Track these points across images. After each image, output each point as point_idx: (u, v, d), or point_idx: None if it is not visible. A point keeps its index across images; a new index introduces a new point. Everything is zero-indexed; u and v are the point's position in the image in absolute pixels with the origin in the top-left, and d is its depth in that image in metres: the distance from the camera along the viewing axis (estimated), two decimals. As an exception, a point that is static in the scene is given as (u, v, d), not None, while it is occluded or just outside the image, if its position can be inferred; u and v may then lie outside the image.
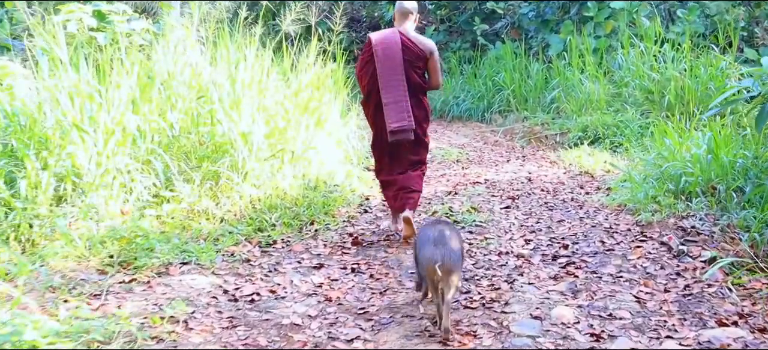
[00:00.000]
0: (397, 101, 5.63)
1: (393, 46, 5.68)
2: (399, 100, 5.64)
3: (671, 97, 10.56)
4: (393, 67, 5.64)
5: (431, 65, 5.82)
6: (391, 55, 5.65)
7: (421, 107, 5.84)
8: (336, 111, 8.38)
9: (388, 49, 5.67)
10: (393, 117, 5.63)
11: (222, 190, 6.29)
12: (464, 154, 10.24)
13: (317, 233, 6.02)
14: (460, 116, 14.04)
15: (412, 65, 5.72)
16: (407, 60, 5.69)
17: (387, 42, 5.71)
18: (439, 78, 5.91)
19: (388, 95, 5.64)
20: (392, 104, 5.63)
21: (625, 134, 10.12)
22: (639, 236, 5.78)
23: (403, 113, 5.63)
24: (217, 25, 7.96)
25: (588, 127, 10.60)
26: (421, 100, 5.85)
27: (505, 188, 7.87)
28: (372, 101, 5.82)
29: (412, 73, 5.71)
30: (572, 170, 8.86)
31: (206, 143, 6.61)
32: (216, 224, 5.91)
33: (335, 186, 7.20)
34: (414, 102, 5.73)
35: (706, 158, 6.66)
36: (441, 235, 3.98)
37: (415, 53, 5.73)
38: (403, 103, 5.63)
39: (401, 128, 5.64)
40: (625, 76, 11.66)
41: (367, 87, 5.81)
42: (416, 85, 5.76)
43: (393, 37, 5.74)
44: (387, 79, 5.64)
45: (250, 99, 6.95)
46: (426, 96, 5.94)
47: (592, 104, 11.34)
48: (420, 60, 5.77)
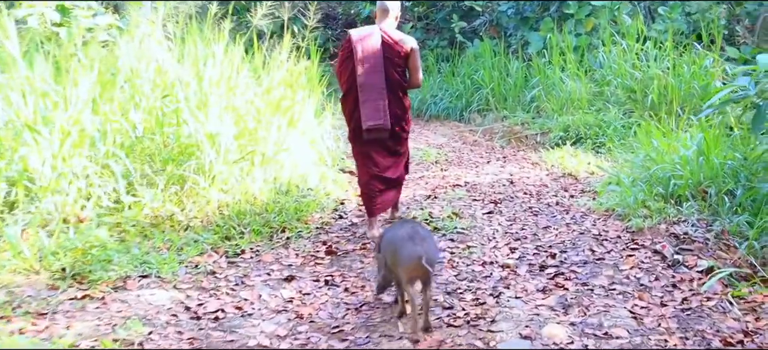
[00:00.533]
0: (374, 100, 5.56)
1: (373, 43, 5.59)
2: (376, 98, 5.56)
3: (654, 96, 10.28)
4: (372, 65, 5.56)
5: (412, 63, 5.71)
6: (371, 53, 5.57)
7: (401, 106, 5.76)
8: (310, 110, 7.98)
9: (368, 46, 5.58)
10: (369, 115, 5.56)
11: (188, 195, 5.89)
12: (443, 155, 9.88)
13: (289, 241, 5.62)
14: (437, 115, 13.67)
15: (392, 63, 5.63)
16: (387, 57, 5.61)
17: (367, 39, 5.61)
18: (419, 76, 5.79)
19: (366, 93, 5.56)
20: (369, 101, 5.56)
21: (608, 134, 9.82)
22: (630, 243, 5.44)
23: (380, 111, 5.55)
24: (185, 21, 7.55)
25: (569, 127, 10.28)
26: (401, 98, 5.76)
27: (487, 191, 7.52)
28: (350, 97, 5.71)
29: (392, 71, 5.63)
30: (555, 171, 8.53)
31: (171, 145, 6.19)
32: (180, 232, 5.51)
33: (309, 190, 6.81)
34: (394, 100, 5.66)
35: (695, 160, 6.37)
36: (415, 232, 3.89)
37: (395, 51, 5.63)
38: (380, 101, 5.56)
39: (376, 126, 5.57)
40: (606, 74, 11.36)
41: (346, 84, 5.71)
42: (396, 83, 5.67)
43: (373, 34, 5.64)
44: (366, 76, 5.56)
45: (219, 98, 6.54)
46: (406, 94, 5.84)
47: (574, 103, 11.03)
48: (400, 58, 5.66)
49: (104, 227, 5.18)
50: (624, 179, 6.57)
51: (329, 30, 19.62)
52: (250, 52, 8.07)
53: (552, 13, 13.38)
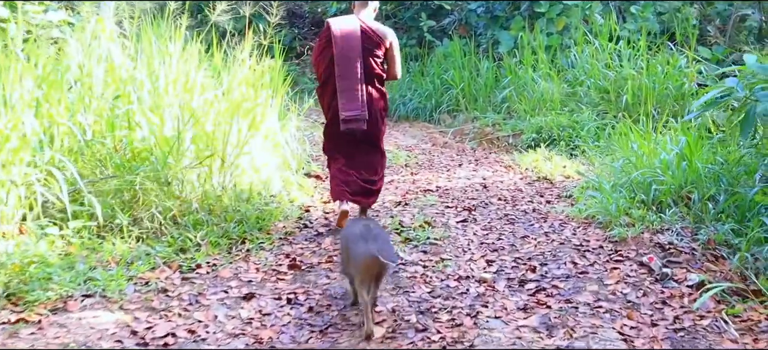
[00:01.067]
0: (351, 89, 5.47)
1: (352, 32, 5.50)
2: (354, 88, 5.47)
3: (629, 97, 10.01)
4: (351, 55, 5.47)
5: (390, 54, 5.68)
6: (350, 42, 5.48)
7: (381, 97, 5.69)
8: (274, 112, 7.55)
9: (346, 36, 5.49)
10: (346, 105, 5.47)
11: (140, 203, 5.43)
12: (413, 157, 9.49)
13: (249, 253, 5.19)
14: (406, 115, 13.28)
15: (371, 54, 5.55)
16: (366, 48, 5.52)
17: (346, 28, 5.52)
18: (398, 68, 5.78)
19: (344, 82, 5.47)
20: (347, 91, 5.47)
21: (582, 136, 9.52)
22: (613, 255, 5.10)
23: (357, 101, 5.47)
24: (141, 18, 7.08)
25: (542, 128, 9.96)
26: (380, 90, 5.69)
27: (460, 196, 7.14)
28: (328, 87, 5.61)
29: (370, 62, 5.55)
30: (529, 175, 8.19)
31: (123, 150, 5.74)
32: (131, 245, 5.06)
33: (271, 197, 6.38)
34: (372, 91, 5.59)
35: (677, 164, 6.07)
36: (368, 230, 3.92)
37: (374, 41, 5.57)
38: (358, 92, 5.47)
39: (354, 116, 5.47)
40: (579, 75, 11.07)
41: (323, 74, 5.62)
42: (374, 75, 5.60)
43: (352, 23, 5.55)
44: (344, 66, 5.47)
45: (175, 99, 6.09)
46: (384, 86, 5.77)
47: (546, 103, 10.71)
48: (379, 49, 5.60)
49: (46, 241, 4.73)
50: (604, 185, 6.21)
51: (296, 29, 19.17)
52: (212, 51, 7.65)
53: (523, 12, 13.08)
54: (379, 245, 3.76)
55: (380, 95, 5.72)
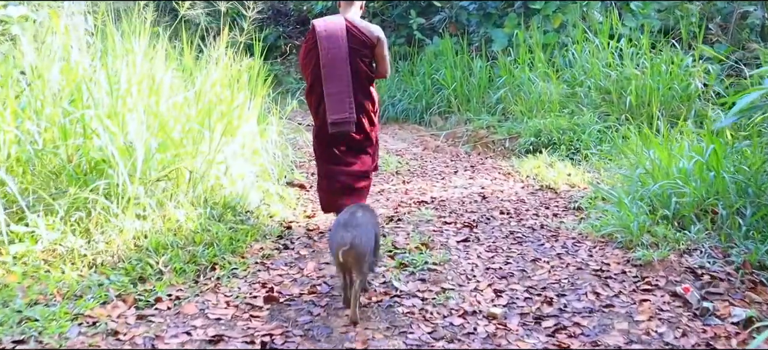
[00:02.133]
0: (339, 92, 5.27)
1: (338, 33, 5.27)
2: (341, 90, 5.27)
3: (632, 98, 9.33)
4: (338, 56, 5.25)
5: (378, 53, 5.44)
6: (336, 43, 5.25)
7: (369, 98, 5.47)
8: (253, 115, 6.81)
9: (332, 37, 5.26)
10: (334, 108, 5.27)
11: (95, 223, 4.68)
12: (404, 163, 8.76)
13: (219, 282, 4.42)
14: (396, 117, 12.56)
15: (359, 54, 5.34)
16: (353, 48, 5.30)
17: (332, 29, 5.29)
18: (386, 67, 5.54)
19: (331, 85, 5.26)
20: (334, 94, 5.27)
21: (583, 140, 8.83)
22: (640, 282, 4.39)
23: (345, 104, 5.27)
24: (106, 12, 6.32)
25: (541, 131, 9.26)
26: (369, 89, 5.48)
27: (458, 209, 6.42)
28: (316, 91, 5.39)
29: (358, 62, 5.33)
30: (531, 183, 7.48)
31: (78, 161, 4.98)
32: (83, 272, 4.31)
33: (248, 213, 5.62)
34: (361, 92, 5.38)
35: (698, 174, 5.40)
36: (353, 217, 3.89)
37: (361, 41, 5.34)
38: (345, 93, 5.27)
39: (342, 119, 5.28)
40: (578, 74, 10.38)
41: (310, 76, 5.40)
42: (363, 75, 5.38)
43: (338, 24, 5.32)
44: (331, 68, 5.26)
45: (139, 103, 5.33)
46: (373, 84, 5.57)
47: (544, 105, 10.01)
48: (366, 48, 5.37)
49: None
50: (623, 199, 5.48)
51: (280, 26, 18.41)
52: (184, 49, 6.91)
53: (517, 9, 12.36)
54: (356, 233, 3.72)
55: (369, 96, 5.48)
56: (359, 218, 3.91)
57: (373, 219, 4.11)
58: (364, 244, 3.75)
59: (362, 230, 3.81)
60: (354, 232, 3.73)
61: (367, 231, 3.87)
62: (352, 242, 3.67)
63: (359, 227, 3.81)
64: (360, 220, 3.89)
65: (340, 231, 3.78)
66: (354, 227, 3.79)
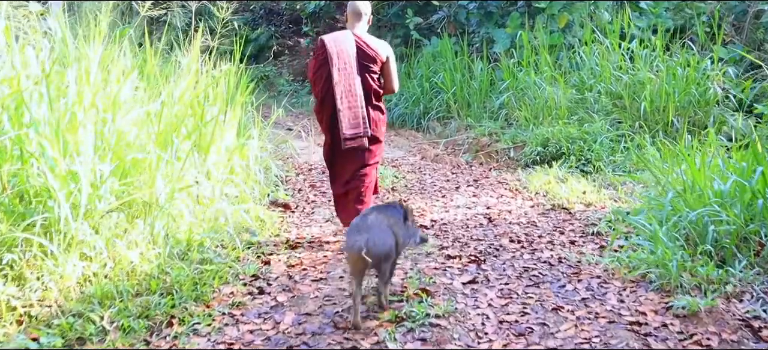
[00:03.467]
0: (351, 107, 5.17)
1: (347, 49, 5.19)
2: (353, 106, 5.18)
3: (647, 104, 8.50)
4: (349, 72, 5.16)
5: (387, 70, 5.35)
6: (346, 59, 5.17)
7: (378, 111, 5.36)
8: (230, 128, 5.98)
9: (342, 53, 5.17)
10: (347, 124, 5.16)
11: (31, 266, 3.84)
12: (401, 177, 7.92)
13: (176, 343, 3.58)
14: (392, 122, 11.70)
15: (368, 70, 5.24)
16: (362, 64, 5.21)
17: (341, 45, 5.20)
18: (394, 83, 5.44)
19: (344, 101, 5.15)
20: (347, 110, 5.16)
21: (594, 150, 8.01)
22: (687, 341, 3.55)
23: (359, 119, 5.18)
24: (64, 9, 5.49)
25: (548, 140, 8.43)
26: (378, 105, 5.37)
27: (462, 236, 5.57)
28: (327, 106, 5.24)
29: (367, 78, 5.24)
30: (541, 202, 6.64)
31: (10, 191, 4.13)
32: (10, 330, 3.48)
33: (217, 249, 4.76)
34: (370, 107, 5.28)
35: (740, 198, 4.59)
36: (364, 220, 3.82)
37: (370, 57, 5.23)
38: (358, 109, 5.18)
39: (355, 134, 5.18)
40: (587, 78, 9.54)
41: (321, 92, 5.25)
42: (373, 91, 5.28)
43: (347, 39, 5.23)
44: (342, 84, 5.15)
45: (89, 120, 4.48)
46: (381, 101, 5.43)
47: (551, 111, 9.17)
48: (375, 64, 5.26)
49: None
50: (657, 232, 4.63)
51: (273, 26, 17.55)
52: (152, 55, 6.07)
53: (520, 8, 11.52)
54: (369, 237, 3.61)
55: (378, 111, 5.37)
56: (372, 220, 3.80)
57: (389, 220, 3.91)
58: (378, 246, 3.63)
59: (375, 232, 3.69)
60: (366, 236, 3.59)
61: (382, 232, 3.75)
62: (366, 246, 3.52)
63: (372, 229, 3.68)
64: (373, 221, 3.78)
65: (352, 235, 3.68)
66: (367, 229, 3.67)
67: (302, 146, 9.63)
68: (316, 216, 6.18)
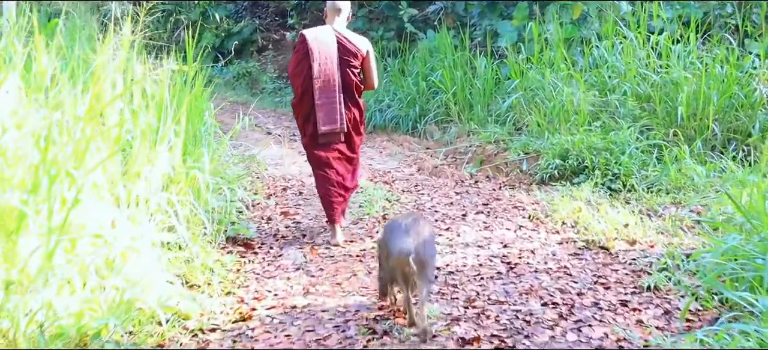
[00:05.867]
0: (330, 103, 5.12)
1: (328, 44, 5.12)
2: (332, 101, 5.13)
3: (683, 108, 7.01)
4: (328, 67, 5.09)
5: (366, 65, 5.28)
6: (327, 54, 5.10)
7: (357, 107, 5.29)
8: (169, 151, 4.44)
9: (323, 47, 5.10)
10: (324, 119, 5.12)
11: None
12: (394, 200, 6.35)
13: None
14: (384, 126, 10.15)
15: (348, 65, 5.16)
16: (343, 59, 5.15)
17: (322, 40, 5.12)
18: (374, 78, 5.40)
19: (323, 95, 5.11)
20: (325, 104, 5.11)
21: (623, 163, 6.51)
22: None
23: (335, 114, 5.13)
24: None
25: (568, 151, 6.91)
26: (357, 100, 5.29)
27: (475, 295, 4.03)
28: (305, 101, 5.16)
29: (347, 73, 5.16)
30: (571, 237, 5.12)
31: None
32: None
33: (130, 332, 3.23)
34: (349, 103, 5.21)
35: None
36: (414, 224, 3.54)
37: (351, 52, 5.16)
38: (336, 104, 5.12)
39: (332, 130, 5.15)
40: (609, 76, 8.03)
41: (301, 87, 5.15)
42: (353, 86, 5.20)
43: (328, 34, 5.15)
44: (323, 79, 5.10)
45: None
46: (361, 97, 5.36)
47: (568, 116, 7.65)
48: (356, 59, 5.18)
49: None
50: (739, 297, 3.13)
51: (257, 19, 15.97)
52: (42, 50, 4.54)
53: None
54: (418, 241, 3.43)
55: (357, 106, 5.30)
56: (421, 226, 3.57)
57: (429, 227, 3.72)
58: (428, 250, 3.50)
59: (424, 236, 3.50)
60: (416, 241, 3.42)
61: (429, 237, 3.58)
62: (415, 253, 3.35)
63: (421, 236, 3.48)
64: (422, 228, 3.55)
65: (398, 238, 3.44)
66: (417, 235, 3.47)
67: (281, 154, 8.12)
68: (283, 261, 4.63)
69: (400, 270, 3.42)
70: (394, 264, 3.44)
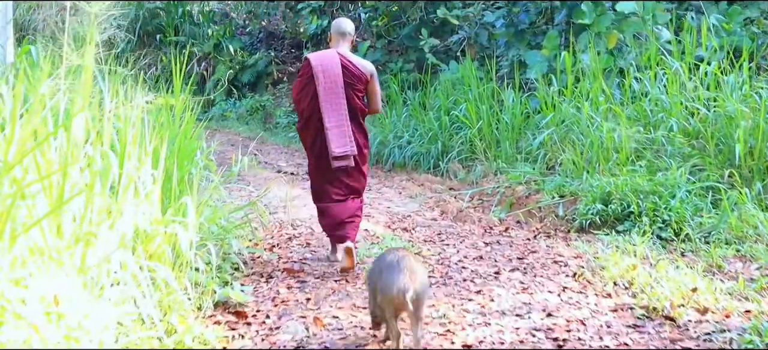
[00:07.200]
0: (339, 126, 4.98)
1: (333, 67, 5.00)
2: (341, 124, 4.98)
3: (741, 146, 6.12)
4: (334, 90, 4.98)
5: (371, 88, 5.17)
6: (332, 77, 4.98)
7: (362, 132, 5.17)
8: (151, 195, 3.64)
9: (328, 71, 4.99)
10: (336, 142, 4.94)
11: None
12: (414, 249, 5.50)
13: None
14: (404, 164, 9.33)
15: (353, 88, 5.04)
16: (347, 83, 5.02)
17: (327, 63, 5.01)
18: (378, 102, 5.30)
19: (331, 118, 4.96)
20: (335, 128, 4.96)
21: (674, 209, 5.65)
22: None
23: (346, 137, 4.98)
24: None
25: (611, 194, 6.05)
26: (362, 124, 5.18)
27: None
28: (311, 125, 5.04)
29: (352, 96, 5.04)
30: (626, 302, 4.22)
31: None
32: None
33: None
34: (355, 127, 5.07)
35: None
36: (406, 260, 3.37)
37: (355, 75, 5.04)
38: (345, 127, 4.99)
39: (344, 153, 4.96)
40: (651, 110, 7.16)
41: (306, 111, 5.07)
42: (357, 109, 5.09)
43: (332, 58, 5.04)
44: (329, 102, 4.97)
45: None
46: (365, 121, 5.24)
47: (608, 154, 6.79)
48: (360, 83, 5.08)
49: None
50: None
51: (273, 51, 15.28)
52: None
53: (558, 25, 9.16)
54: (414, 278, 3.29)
55: (362, 130, 5.16)
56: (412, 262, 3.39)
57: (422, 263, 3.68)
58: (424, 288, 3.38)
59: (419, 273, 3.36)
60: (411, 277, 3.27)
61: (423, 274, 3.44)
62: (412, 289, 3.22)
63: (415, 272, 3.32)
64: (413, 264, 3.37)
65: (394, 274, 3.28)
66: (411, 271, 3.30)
67: (292, 195, 7.31)
68: (281, 335, 3.74)
69: (393, 306, 3.31)
70: (390, 301, 3.31)
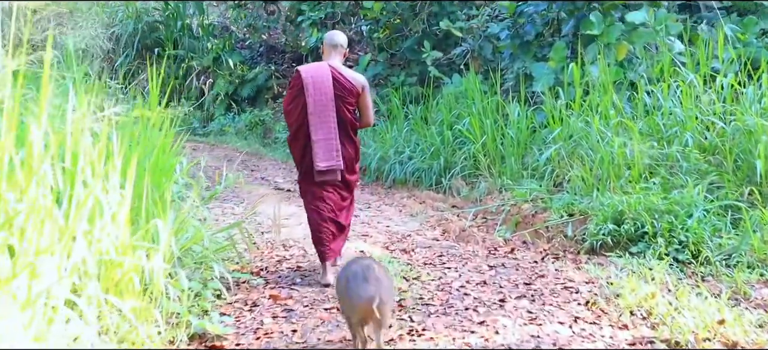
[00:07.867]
0: (327, 139, 4.93)
1: (324, 79, 4.94)
2: (329, 137, 4.93)
3: (763, 163, 5.71)
4: (324, 103, 4.92)
5: (362, 102, 5.11)
6: (322, 90, 4.92)
7: (352, 145, 5.11)
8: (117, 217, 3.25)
9: (318, 83, 4.93)
10: (321, 156, 4.90)
11: None
12: (413, 275, 5.08)
13: None
14: (404, 180, 8.92)
15: (344, 101, 4.99)
16: (338, 95, 4.96)
17: (317, 75, 4.96)
18: (370, 115, 5.22)
19: (319, 131, 4.91)
20: (322, 141, 4.91)
21: (691, 229, 5.24)
22: None
23: (332, 151, 4.93)
24: None
25: (623, 213, 5.64)
26: (353, 138, 5.11)
27: None
28: (300, 137, 5.01)
29: (343, 109, 4.99)
30: (644, 333, 3.82)
31: None
32: None
33: None
34: (345, 139, 5.03)
35: None
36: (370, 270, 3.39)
37: (346, 88, 4.98)
38: (333, 141, 4.93)
39: (329, 167, 4.92)
40: (666, 124, 6.76)
41: (295, 123, 5.01)
42: (347, 122, 5.03)
43: (323, 70, 4.99)
44: (317, 115, 4.91)
45: None
46: (356, 134, 5.17)
47: (620, 171, 6.39)
48: (351, 95, 5.02)
49: None
50: None
51: (273, 65, 14.92)
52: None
53: (565, 37, 8.77)
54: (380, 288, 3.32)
55: (352, 144, 5.11)
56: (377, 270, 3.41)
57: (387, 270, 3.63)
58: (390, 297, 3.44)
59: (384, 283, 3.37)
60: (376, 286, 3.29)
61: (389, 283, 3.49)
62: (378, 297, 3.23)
63: (380, 280, 3.35)
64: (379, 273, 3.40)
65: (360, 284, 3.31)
66: (376, 280, 3.33)
67: (287, 213, 6.93)
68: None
69: (361, 315, 3.33)
70: (355, 311, 3.34)
